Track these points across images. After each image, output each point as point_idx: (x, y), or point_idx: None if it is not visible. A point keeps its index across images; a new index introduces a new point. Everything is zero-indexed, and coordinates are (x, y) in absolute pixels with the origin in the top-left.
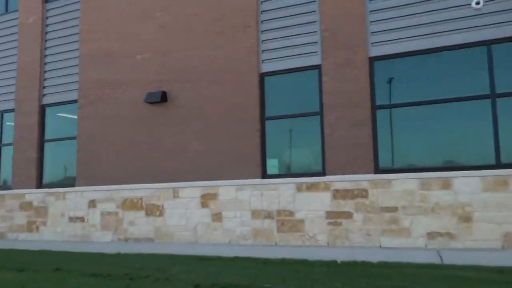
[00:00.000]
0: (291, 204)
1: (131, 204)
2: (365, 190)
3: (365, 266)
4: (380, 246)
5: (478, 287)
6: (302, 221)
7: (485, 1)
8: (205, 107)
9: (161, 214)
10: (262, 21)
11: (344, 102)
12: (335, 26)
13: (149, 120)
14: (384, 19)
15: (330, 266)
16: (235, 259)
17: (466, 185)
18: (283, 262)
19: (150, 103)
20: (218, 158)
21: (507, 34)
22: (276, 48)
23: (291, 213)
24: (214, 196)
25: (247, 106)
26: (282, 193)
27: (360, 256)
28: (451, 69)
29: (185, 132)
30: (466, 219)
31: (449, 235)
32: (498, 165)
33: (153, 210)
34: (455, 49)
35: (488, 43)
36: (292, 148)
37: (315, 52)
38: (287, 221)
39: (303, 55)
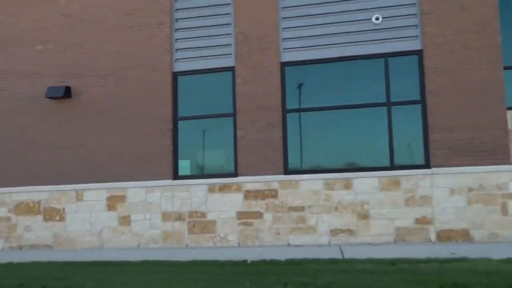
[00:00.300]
0: (203, 205)
1: (26, 208)
2: (275, 191)
3: (273, 264)
4: (288, 244)
5: (373, 278)
6: (214, 222)
7: (383, 18)
8: (114, 104)
9: (61, 219)
10: (176, 19)
11: (256, 105)
12: (249, 30)
13: (51, 116)
14: (295, 27)
15: (240, 265)
16: (144, 263)
17: (365, 185)
18: (194, 263)
19: (52, 98)
20: (128, 159)
21: (402, 49)
22: (190, 48)
23: (203, 214)
24: (122, 198)
25: (159, 105)
26: (194, 194)
27: (269, 255)
28: (353, 77)
29: (92, 131)
30: (365, 216)
31: (350, 232)
32: (392, 166)
33: (53, 215)
34: (358, 59)
35: (385, 56)
36: (205, 149)
37: (229, 54)
38: (199, 222)
39: (217, 56)
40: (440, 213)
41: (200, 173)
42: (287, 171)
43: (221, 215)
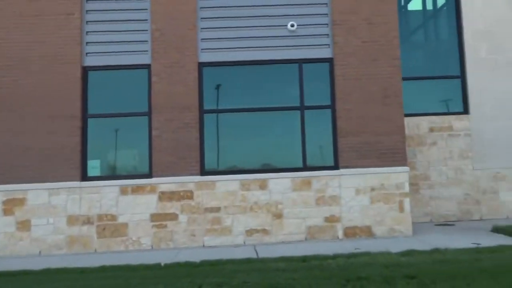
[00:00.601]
0: (114, 207)
1: None
2: (191, 192)
3: (188, 266)
4: (203, 245)
5: (286, 276)
6: (126, 225)
7: (298, 25)
8: (15, 98)
9: None
10: (87, 10)
11: (173, 104)
12: (166, 27)
13: None
14: (214, 28)
15: (154, 269)
16: (46, 271)
17: (279, 185)
18: (103, 269)
19: None
20: (30, 158)
21: (315, 56)
22: (103, 42)
23: (114, 217)
24: (21, 201)
25: (68, 100)
26: (104, 196)
27: (184, 257)
28: (269, 81)
29: None
30: (279, 215)
31: (264, 231)
32: (305, 167)
33: None
34: (274, 63)
35: (299, 62)
36: (118, 149)
37: (145, 51)
38: (109, 225)
39: (133, 52)
40: (347, 212)
41: (111, 174)
42: (203, 172)
43: (133, 217)
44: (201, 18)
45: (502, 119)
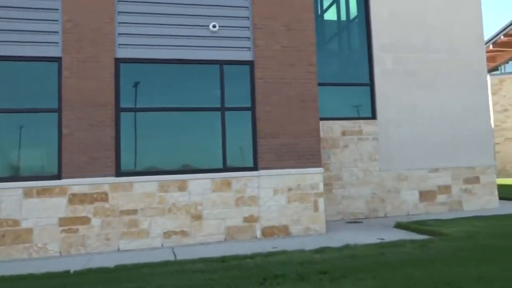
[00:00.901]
0: (16, 212)
1: None
2: (106, 194)
3: (101, 272)
4: (119, 249)
5: (204, 277)
6: (30, 230)
7: (220, 27)
8: None
9: None
10: None
11: (86, 101)
12: (80, 19)
13: None
14: (132, 23)
15: (62, 277)
16: None
17: (199, 186)
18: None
19: None
20: None
21: (236, 58)
22: (5, 30)
23: (16, 222)
24: None
25: None
26: (5, 199)
27: (97, 263)
28: (190, 81)
29: None
30: (198, 217)
31: (183, 233)
32: (225, 168)
33: None
34: (195, 63)
35: (221, 63)
36: (22, 148)
37: (55, 43)
38: (10, 231)
39: (41, 44)
40: (266, 212)
41: (13, 175)
42: (119, 173)
43: (39, 222)
44: (119, 12)
45: (404, 124)
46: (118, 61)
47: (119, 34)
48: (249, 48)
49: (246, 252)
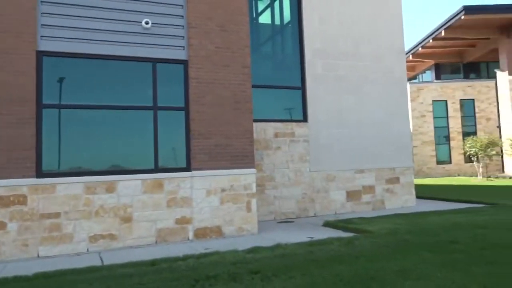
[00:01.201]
0: None
1: None
2: (24, 196)
3: (18, 281)
4: (38, 256)
5: (133, 281)
6: None
7: (154, 24)
8: None
9: None
10: None
11: (4, 96)
12: None
13: None
14: (57, 14)
15: None
16: None
17: (129, 188)
18: None
19: None
20: None
21: (170, 57)
22: None
23: None
24: None
25: None
26: None
27: (13, 271)
28: (121, 78)
29: None
30: (127, 219)
31: (111, 236)
32: (156, 169)
33: None
34: (126, 60)
35: (154, 61)
36: None
37: None
38: None
39: None
40: (198, 213)
41: None
42: (40, 174)
43: None
44: (42, 1)
45: (333, 127)
46: (41, 54)
47: (42, 25)
48: (183, 47)
49: (178, 254)
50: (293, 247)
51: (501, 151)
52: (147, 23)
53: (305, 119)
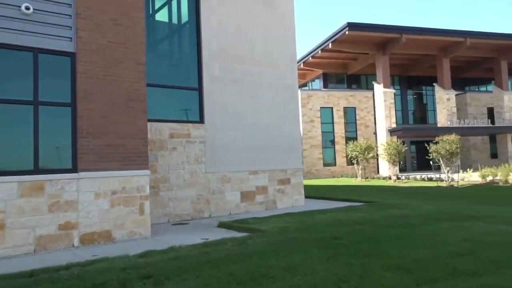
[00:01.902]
0: None
1: None
2: None
3: None
4: None
5: None
6: None
7: (35, 10)
8: None
9: None
10: None
11: None
12: None
13: None
14: None
15: None
16: None
17: (1, 191)
18: None
19: None
20: None
21: (54, 48)
22: None
23: None
24: None
25: None
26: None
27: None
28: None
29: None
30: (0, 227)
31: None
32: (36, 170)
33: None
34: (3, 48)
35: (35, 51)
36: None
37: None
38: None
39: None
40: (85, 217)
41: None
42: None
43: None
44: None
45: (229, 129)
46: None
47: None
48: (71, 38)
49: (60, 263)
50: (187, 249)
51: (377, 154)
52: (27, 8)
53: (201, 120)
